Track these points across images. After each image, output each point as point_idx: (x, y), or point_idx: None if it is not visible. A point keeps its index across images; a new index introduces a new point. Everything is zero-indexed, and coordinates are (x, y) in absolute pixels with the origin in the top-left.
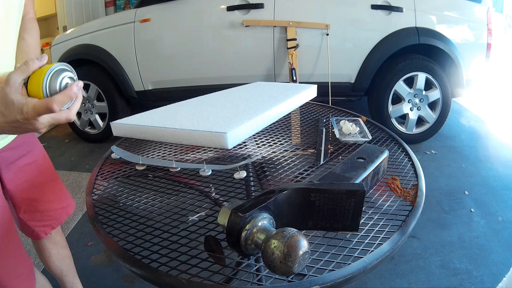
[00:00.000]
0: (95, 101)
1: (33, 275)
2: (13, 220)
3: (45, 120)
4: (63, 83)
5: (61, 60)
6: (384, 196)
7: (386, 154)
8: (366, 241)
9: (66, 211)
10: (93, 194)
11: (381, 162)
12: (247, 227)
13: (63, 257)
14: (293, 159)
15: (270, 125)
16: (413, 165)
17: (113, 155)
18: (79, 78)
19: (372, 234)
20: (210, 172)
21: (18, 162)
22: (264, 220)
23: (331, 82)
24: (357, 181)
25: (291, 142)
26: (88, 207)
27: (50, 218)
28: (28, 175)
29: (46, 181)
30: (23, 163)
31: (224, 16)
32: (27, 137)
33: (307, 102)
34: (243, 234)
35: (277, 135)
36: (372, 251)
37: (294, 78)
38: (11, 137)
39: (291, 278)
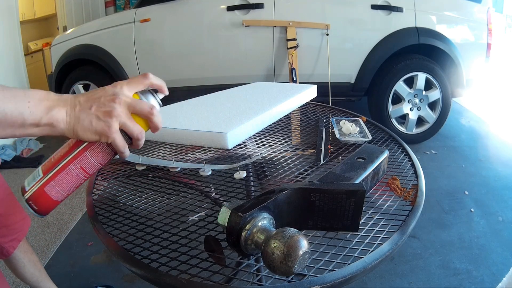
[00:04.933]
0: None
1: None
2: None
3: (127, 103)
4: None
5: (61, 60)
6: (384, 196)
7: (386, 154)
8: (366, 241)
9: (27, 221)
10: (93, 194)
11: (381, 162)
12: (247, 227)
13: (34, 263)
14: (293, 159)
15: (270, 125)
16: (413, 165)
17: None
18: (80, 78)
19: (372, 234)
20: (210, 172)
21: None
22: (264, 220)
23: (331, 82)
24: (357, 181)
25: (291, 142)
26: (88, 207)
27: (15, 231)
28: None
29: (5, 194)
30: None
31: (224, 16)
32: None
33: (307, 102)
34: (243, 234)
35: (277, 135)
36: (372, 251)
37: (294, 78)
38: None
39: (291, 278)
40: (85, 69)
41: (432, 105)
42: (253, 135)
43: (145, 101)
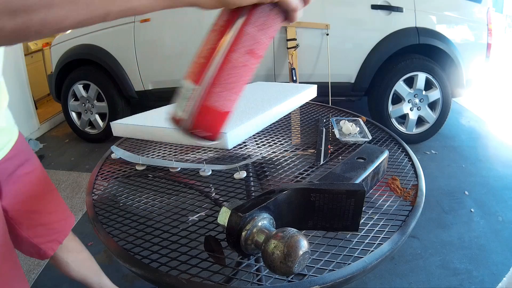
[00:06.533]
0: (95, 101)
1: None
2: (9, 238)
3: None
4: None
5: (61, 60)
6: (384, 196)
7: (386, 154)
8: (366, 241)
9: (69, 222)
10: (93, 194)
11: (381, 162)
12: (247, 227)
13: (82, 261)
14: (293, 159)
15: (270, 125)
16: (413, 165)
17: (113, 155)
18: (80, 78)
19: (372, 234)
20: (210, 172)
21: (17, 172)
22: (264, 220)
23: (331, 82)
24: (357, 181)
25: (291, 142)
26: (88, 207)
27: (54, 232)
28: (27, 185)
29: (46, 191)
30: (22, 172)
31: None
32: (23, 146)
33: (307, 102)
34: (243, 234)
35: (277, 135)
36: (372, 251)
37: (294, 78)
38: (9, 147)
39: (291, 278)
40: (85, 69)
41: (432, 105)
42: (253, 135)
43: None
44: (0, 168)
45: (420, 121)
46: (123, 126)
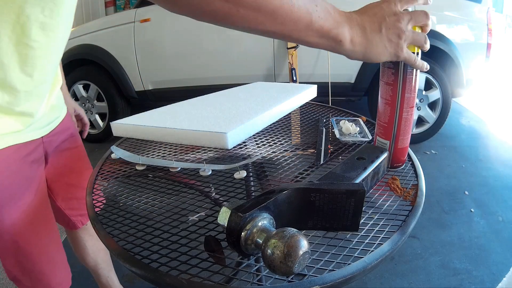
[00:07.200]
0: (95, 101)
1: (68, 265)
2: (51, 209)
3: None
4: None
5: (61, 60)
6: (384, 196)
7: (386, 154)
8: (366, 241)
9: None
10: (93, 194)
11: (381, 162)
12: (247, 227)
13: (98, 250)
14: (293, 159)
15: (270, 125)
16: (413, 165)
17: (113, 155)
18: (80, 78)
19: (372, 234)
20: (210, 172)
21: (60, 146)
22: (264, 220)
23: (331, 82)
24: (357, 181)
25: (291, 142)
26: (88, 207)
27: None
28: (68, 159)
29: (83, 168)
30: (65, 147)
31: None
32: (69, 123)
33: (307, 102)
34: (243, 234)
35: (277, 135)
36: (372, 251)
37: (294, 78)
38: (57, 122)
39: (291, 278)
40: (85, 69)
41: (432, 105)
42: (253, 135)
43: (420, 33)
44: (47, 141)
45: (420, 121)
46: (123, 126)
